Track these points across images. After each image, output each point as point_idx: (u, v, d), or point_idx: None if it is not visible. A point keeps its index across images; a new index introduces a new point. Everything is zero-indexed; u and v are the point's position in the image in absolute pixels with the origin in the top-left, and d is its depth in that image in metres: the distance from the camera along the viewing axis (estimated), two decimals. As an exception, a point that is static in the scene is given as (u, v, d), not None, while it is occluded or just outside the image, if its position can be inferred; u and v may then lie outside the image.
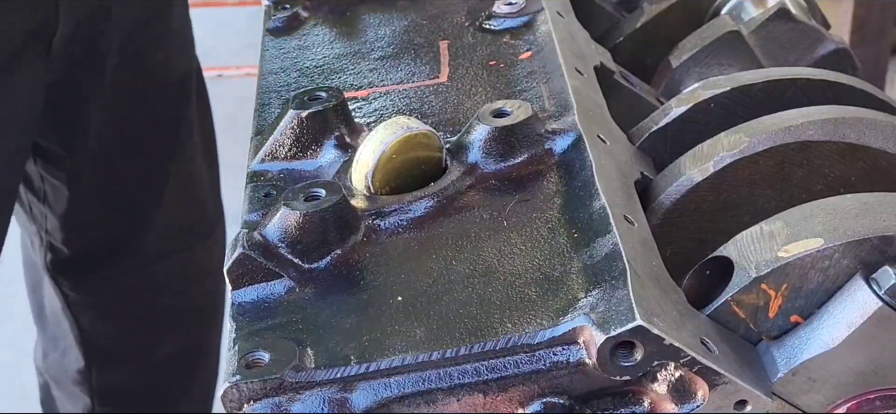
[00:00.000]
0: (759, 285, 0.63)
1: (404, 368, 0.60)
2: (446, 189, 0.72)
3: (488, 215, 0.70)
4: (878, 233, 0.63)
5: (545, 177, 0.73)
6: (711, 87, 0.81)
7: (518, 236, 0.68)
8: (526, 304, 0.62)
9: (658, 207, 0.74)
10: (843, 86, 0.82)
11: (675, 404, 0.61)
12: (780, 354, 0.63)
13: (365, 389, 0.60)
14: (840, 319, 0.62)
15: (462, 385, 0.60)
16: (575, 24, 0.94)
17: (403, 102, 0.84)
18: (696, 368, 0.60)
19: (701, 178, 0.73)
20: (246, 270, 0.67)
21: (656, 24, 1.01)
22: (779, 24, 0.98)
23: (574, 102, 0.76)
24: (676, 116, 0.80)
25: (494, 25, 0.93)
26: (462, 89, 0.85)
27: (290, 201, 0.68)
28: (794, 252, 0.63)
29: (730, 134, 0.75)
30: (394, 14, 0.97)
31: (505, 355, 0.60)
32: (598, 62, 0.89)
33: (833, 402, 0.64)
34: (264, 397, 0.59)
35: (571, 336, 0.60)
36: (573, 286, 0.63)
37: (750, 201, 0.74)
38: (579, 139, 0.73)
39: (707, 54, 0.95)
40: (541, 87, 0.82)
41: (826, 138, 0.73)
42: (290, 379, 0.59)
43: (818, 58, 0.98)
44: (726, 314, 0.64)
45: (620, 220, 0.66)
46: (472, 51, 0.90)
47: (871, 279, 0.62)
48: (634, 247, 0.64)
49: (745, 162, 0.73)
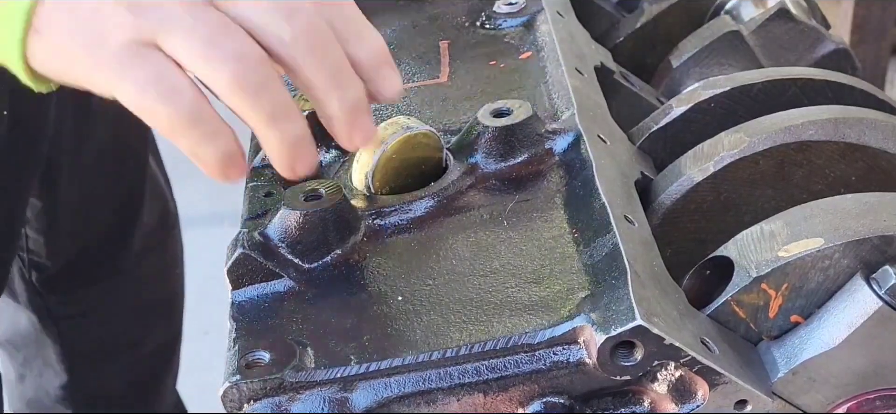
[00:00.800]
0: (759, 285, 0.63)
1: (404, 368, 0.60)
2: (446, 189, 0.72)
3: (489, 215, 0.70)
4: (878, 232, 0.63)
5: (545, 177, 0.73)
6: (711, 87, 0.81)
7: (518, 236, 0.68)
8: (526, 303, 0.62)
9: (658, 207, 0.74)
10: (843, 86, 0.82)
11: (676, 404, 0.61)
12: (780, 353, 0.63)
13: (365, 389, 0.60)
14: (840, 318, 0.62)
15: (462, 385, 0.60)
16: (575, 24, 0.94)
17: (403, 102, 0.84)
18: (696, 367, 0.60)
19: (701, 177, 0.73)
20: (246, 270, 0.67)
21: (656, 24, 1.01)
22: (779, 24, 0.98)
23: (574, 102, 0.76)
24: (676, 116, 0.80)
25: (494, 25, 0.93)
26: (462, 89, 0.85)
27: (291, 201, 0.68)
28: (794, 252, 0.63)
29: (730, 134, 0.75)
30: (394, 14, 0.97)
31: (505, 355, 0.60)
32: (598, 62, 0.89)
33: (833, 402, 0.64)
34: (264, 397, 0.59)
35: (571, 336, 0.60)
36: (573, 286, 0.63)
37: (750, 201, 0.74)
38: (579, 139, 0.73)
39: (707, 54, 0.95)
40: (541, 87, 0.82)
41: (826, 138, 0.73)
42: (290, 379, 0.59)
43: (818, 58, 0.98)
44: (726, 314, 0.64)
45: (620, 219, 0.66)
46: (472, 51, 0.90)
47: (871, 279, 0.62)
48: (634, 247, 0.64)
49: (745, 162, 0.73)
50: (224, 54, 0.60)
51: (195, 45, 0.60)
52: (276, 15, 0.62)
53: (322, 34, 0.63)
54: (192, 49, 0.60)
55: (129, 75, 0.61)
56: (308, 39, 0.62)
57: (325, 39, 0.63)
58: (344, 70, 0.64)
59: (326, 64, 0.63)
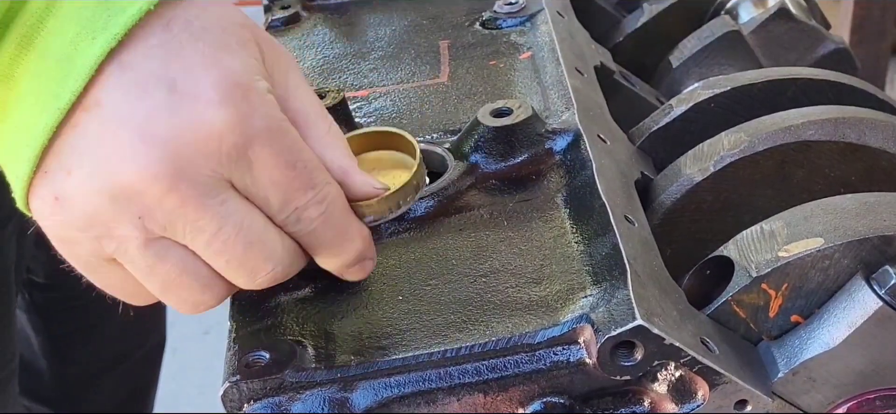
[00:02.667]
0: (759, 285, 0.63)
1: (404, 368, 0.60)
2: (446, 189, 0.72)
3: (489, 215, 0.70)
4: (878, 232, 0.63)
5: (545, 177, 0.73)
6: (711, 87, 0.81)
7: (518, 236, 0.68)
8: (526, 303, 0.62)
9: (658, 207, 0.74)
10: (843, 86, 0.82)
11: (676, 404, 0.61)
12: (780, 353, 0.63)
13: (365, 389, 0.60)
14: (840, 318, 0.62)
15: (462, 385, 0.60)
16: (575, 24, 0.94)
17: (403, 102, 0.84)
18: (696, 367, 0.60)
19: (701, 177, 0.73)
20: (246, 270, 0.67)
21: (656, 24, 1.01)
22: (779, 24, 0.98)
23: (574, 102, 0.76)
24: (676, 116, 0.80)
25: (494, 25, 0.93)
26: (462, 89, 0.85)
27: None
28: (794, 252, 0.63)
29: (730, 134, 0.75)
30: (394, 14, 0.97)
31: (505, 355, 0.60)
32: (598, 62, 0.89)
33: (833, 401, 0.64)
34: (264, 397, 0.59)
35: (571, 336, 0.60)
36: (573, 286, 0.63)
37: (750, 201, 0.74)
38: (579, 139, 0.73)
39: (707, 54, 0.95)
40: (541, 86, 0.82)
41: (826, 138, 0.73)
42: (291, 379, 0.59)
43: (818, 58, 0.98)
44: (727, 314, 0.64)
45: (620, 219, 0.66)
46: (472, 51, 0.90)
47: (871, 279, 0.62)
48: (634, 247, 0.64)
49: (745, 162, 0.73)
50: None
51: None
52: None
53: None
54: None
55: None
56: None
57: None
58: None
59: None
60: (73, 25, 0.56)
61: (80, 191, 0.56)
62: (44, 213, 0.58)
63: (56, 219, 0.58)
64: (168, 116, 0.56)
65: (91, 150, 0.56)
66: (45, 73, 0.56)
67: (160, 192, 0.56)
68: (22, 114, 0.57)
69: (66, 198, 0.57)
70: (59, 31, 0.56)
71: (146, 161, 0.55)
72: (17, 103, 0.57)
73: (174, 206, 0.56)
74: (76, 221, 0.57)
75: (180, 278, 0.59)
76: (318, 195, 0.60)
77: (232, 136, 0.56)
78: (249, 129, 0.57)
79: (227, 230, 0.58)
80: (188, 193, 0.56)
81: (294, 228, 0.60)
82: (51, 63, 0.56)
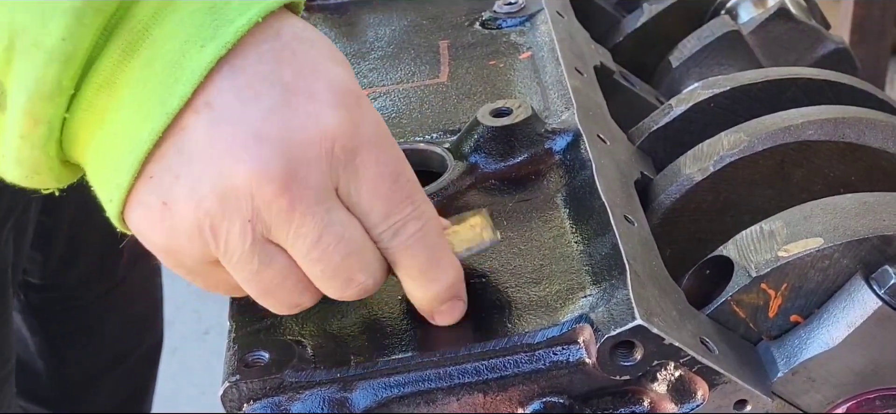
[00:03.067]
0: (759, 285, 0.63)
1: (404, 368, 0.60)
2: (446, 189, 0.72)
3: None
4: (877, 232, 0.63)
5: (545, 177, 0.73)
6: (711, 87, 0.81)
7: (518, 236, 0.68)
8: (526, 303, 0.62)
9: (658, 207, 0.74)
10: (843, 86, 0.82)
11: (675, 404, 0.61)
12: (780, 353, 0.63)
13: (365, 389, 0.60)
14: (840, 318, 0.62)
15: (462, 385, 0.60)
16: (575, 24, 0.94)
17: (403, 102, 0.84)
18: (695, 367, 0.60)
19: (701, 177, 0.73)
20: (246, 270, 0.67)
21: (656, 24, 1.01)
22: (779, 24, 0.98)
23: (574, 102, 0.76)
24: (676, 116, 0.80)
25: (494, 25, 0.93)
26: (462, 89, 0.85)
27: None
28: (793, 252, 0.63)
29: (730, 133, 0.75)
30: (393, 14, 0.97)
31: (505, 355, 0.60)
32: (598, 62, 0.89)
33: (833, 401, 0.64)
34: (264, 397, 0.59)
35: (571, 336, 0.60)
36: (573, 286, 0.63)
37: (750, 201, 0.74)
38: (579, 139, 0.73)
39: (707, 54, 0.95)
40: (540, 86, 0.82)
41: (826, 138, 0.73)
42: (290, 379, 0.59)
43: (818, 58, 0.98)
44: (726, 314, 0.64)
45: (620, 219, 0.66)
46: (472, 51, 0.90)
47: (870, 279, 0.62)
48: (634, 247, 0.64)
49: (745, 161, 0.73)
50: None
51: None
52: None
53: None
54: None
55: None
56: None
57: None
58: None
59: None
60: (181, 35, 0.55)
61: (190, 194, 0.55)
62: (150, 221, 0.56)
63: (164, 226, 0.56)
64: (282, 116, 0.55)
65: (201, 152, 0.55)
66: (151, 79, 0.55)
67: (272, 194, 0.55)
68: (122, 121, 0.55)
69: (174, 202, 0.55)
70: (165, 40, 0.55)
71: (260, 161, 0.54)
72: (116, 111, 0.55)
73: (283, 208, 0.55)
74: (186, 225, 0.56)
75: (283, 283, 0.58)
76: (416, 211, 0.59)
77: (343, 139, 0.56)
78: (359, 135, 0.56)
79: (328, 239, 0.57)
80: (298, 196, 0.55)
81: (389, 243, 0.59)
82: (157, 70, 0.54)
